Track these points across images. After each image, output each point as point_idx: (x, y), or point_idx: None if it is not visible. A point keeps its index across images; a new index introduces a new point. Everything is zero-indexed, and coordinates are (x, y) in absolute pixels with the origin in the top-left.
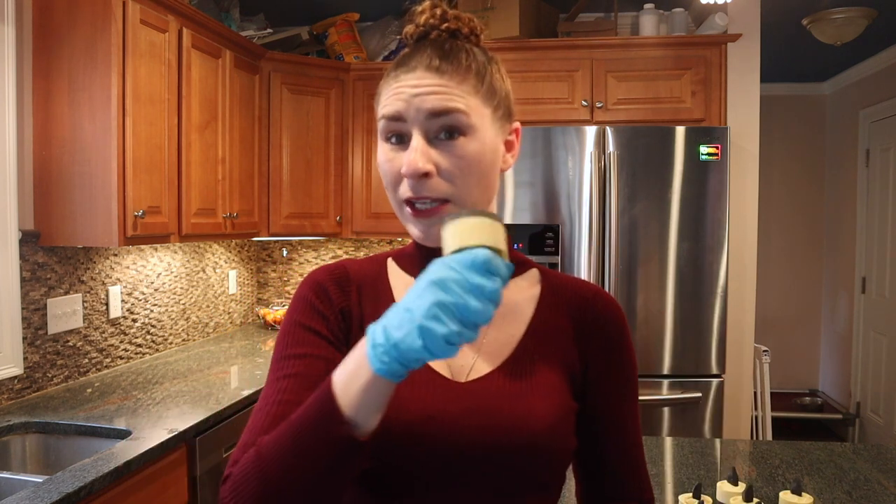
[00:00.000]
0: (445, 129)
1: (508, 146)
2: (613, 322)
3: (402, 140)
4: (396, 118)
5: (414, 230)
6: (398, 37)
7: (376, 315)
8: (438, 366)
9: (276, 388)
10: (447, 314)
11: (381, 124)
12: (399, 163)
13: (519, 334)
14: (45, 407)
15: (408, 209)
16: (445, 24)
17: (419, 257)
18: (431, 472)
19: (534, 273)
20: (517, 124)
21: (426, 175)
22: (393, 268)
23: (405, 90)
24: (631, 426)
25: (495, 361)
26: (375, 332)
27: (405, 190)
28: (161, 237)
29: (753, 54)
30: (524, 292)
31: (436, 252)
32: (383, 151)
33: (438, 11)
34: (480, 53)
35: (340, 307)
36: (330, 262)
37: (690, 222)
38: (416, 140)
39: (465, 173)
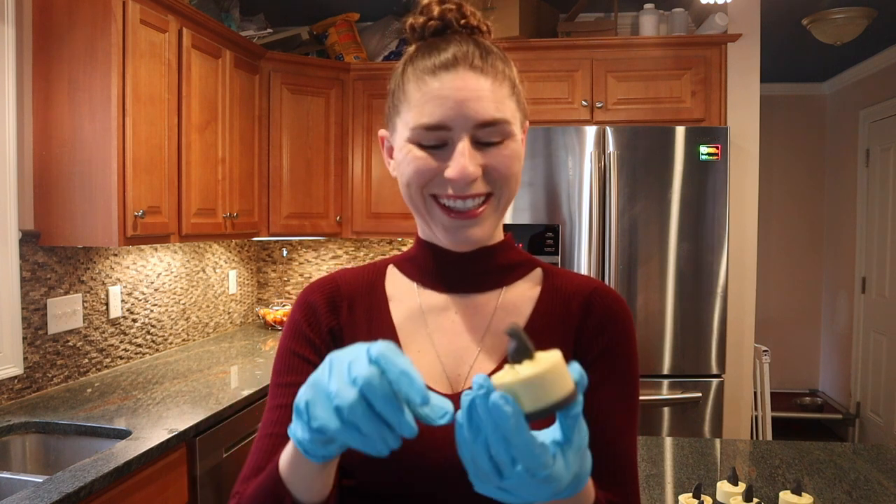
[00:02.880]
0: (491, 136)
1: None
2: (613, 318)
3: (439, 147)
4: (440, 128)
5: (443, 232)
6: (399, 37)
7: (369, 327)
8: (433, 379)
9: (268, 419)
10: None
11: (414, 132)
12: (432, 163)
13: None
14: (45, 407)
15: (440, 211)
16: (465, 20)
17: (425, 263)
18: (419, 488)
19: (537, 273)
20: (527, 123)
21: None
22: (393, 274)
23: (449, 94)
24: (622, 426)
25: (491, 365)
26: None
27: (443, 189)
28: (161, 237)
29: (753, 54)
30: (525, 294)
31: (446, 255)
32: (411, 151)
33: (454, 5)
34: (504, 56)
35: (330, 327)
36: (324, 276)
37: (690, 222)
38: (465, 146)
39: (508, 173)
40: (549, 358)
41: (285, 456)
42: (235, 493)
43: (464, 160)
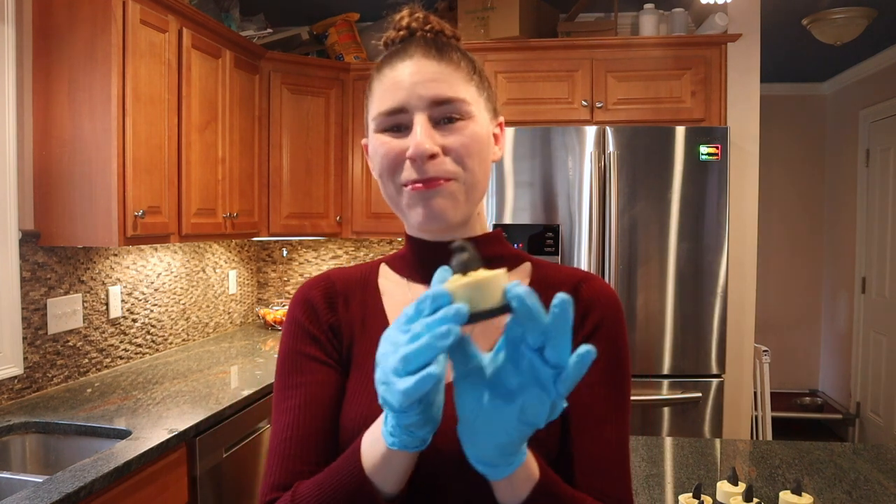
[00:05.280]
0: (447, 115)
1: (495, 139)
2: (599, 303)
3: (399, 129)
4: (397, 111)
5: (414, 211)
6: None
7: (363, 321)
8: None
9: (283, 423)
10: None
11: (377, 121)
12: (398, 145)
13: (502, 326)
14: (45, 407)
15: (409, 192)
16: (429, 26)
17: (413, 258)
18: (411, 480)
19: (525, 267)
20: (501, 118)
21: (432, 156)
22: (385, 271)
23: (404, 79)
24: (610, 416)
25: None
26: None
27: (408, 174)
28: (161, 237)
29: (753, 54)
30: None
31: (432, 248)
32: (378, 139)
33: (420, 15)
34: (466, 52)
35: (329, 323)
36: (317, 274)
37: (690, 222)
38: (421, 122)
39: (469, 152)
40: (493, 272)
41: (374, 456)
42: (269, 501)
43: (420, 136)
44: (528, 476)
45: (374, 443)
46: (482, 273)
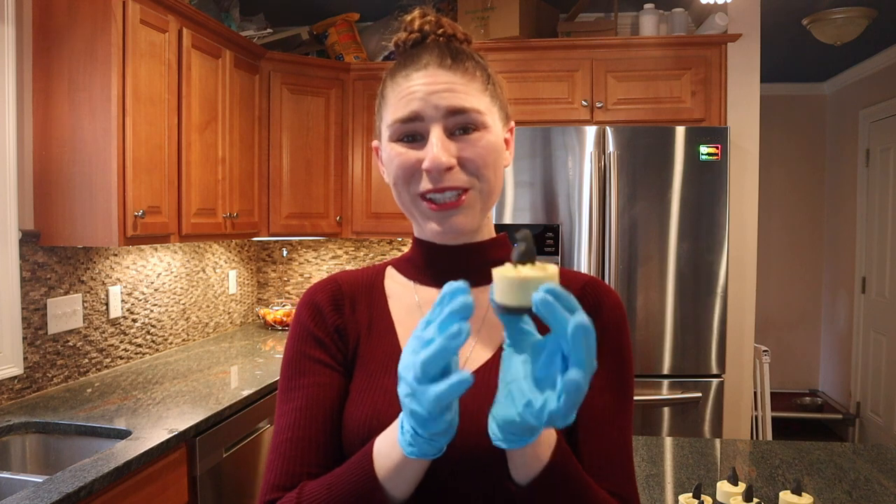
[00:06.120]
0: (462, 126)
1: (506, 144)
2: (603, 306)
3: (415, 139)
4: (413, 119)
5: (431, 225)
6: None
7: (370, 323)
8: None
9: (284, 424)
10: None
11: (392, 129)
12: (414, 156)
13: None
14: (45, 407)
15: (425, 204)
16: (441, 30)
17: (421, 261)
18: (436, 478)
19: None
20: (512, 123)
21: (448, 168)
22: (392, 274)
23: (419, 89)
24: (616, 419)
25: (488, 353)
26: (403, 415)
27: (425, 184)
28: (161, 237)
29: (753, 54)
30: None
31: (441, 252)
32: (393, 149)
33: (432, 18)
34: (480, 58)
35: (335, 326)
36: (324, 277)
37: (690, 222)
38: (437, 134)
39: (484, 163)
40: (542, 272)
41: (388, 463)
42: (269, 501)
43: (437, 149)
44: (538, 456)
45: (389, 450)
46: (529, 270)
